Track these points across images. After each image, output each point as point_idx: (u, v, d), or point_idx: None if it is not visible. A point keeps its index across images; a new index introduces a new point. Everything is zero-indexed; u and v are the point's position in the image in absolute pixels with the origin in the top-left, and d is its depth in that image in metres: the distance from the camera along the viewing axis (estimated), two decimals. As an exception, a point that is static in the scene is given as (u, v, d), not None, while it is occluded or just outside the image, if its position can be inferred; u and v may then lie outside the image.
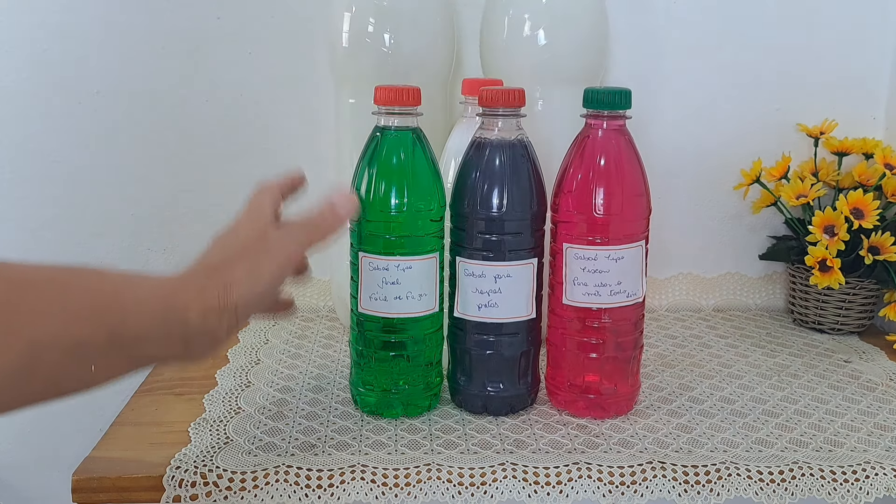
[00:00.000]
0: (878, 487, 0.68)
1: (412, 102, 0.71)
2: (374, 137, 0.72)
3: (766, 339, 0.97)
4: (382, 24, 0.86)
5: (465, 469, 0.67)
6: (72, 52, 0.97)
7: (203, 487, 0.65)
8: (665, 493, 0.67)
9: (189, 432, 0.72)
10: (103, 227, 1.01)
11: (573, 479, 0.67)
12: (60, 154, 0.99)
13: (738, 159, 1.03)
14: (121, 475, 0.65)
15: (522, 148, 0.73)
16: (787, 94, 1.04)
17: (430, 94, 0.81)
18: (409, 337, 0.74)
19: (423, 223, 0.72)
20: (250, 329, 0.97)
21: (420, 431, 0.73)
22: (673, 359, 0.91)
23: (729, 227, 1.07)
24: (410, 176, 0.72)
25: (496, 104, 0.72)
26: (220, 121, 1.00)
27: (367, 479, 0.66)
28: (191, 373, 0.85)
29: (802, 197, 0.96)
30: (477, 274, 0.72)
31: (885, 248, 0.92)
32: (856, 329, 0.99)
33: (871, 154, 0.98)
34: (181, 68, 0.98)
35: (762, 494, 0.67)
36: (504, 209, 0.71)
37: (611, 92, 0.72)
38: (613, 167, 0.72)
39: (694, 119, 1.03)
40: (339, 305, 0.96)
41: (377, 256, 0.72)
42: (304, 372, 0.85)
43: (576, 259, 0.72)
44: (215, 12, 0.97)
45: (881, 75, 1.04)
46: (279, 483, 0.65)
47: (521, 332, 0.74)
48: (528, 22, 0.86)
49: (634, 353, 0.76)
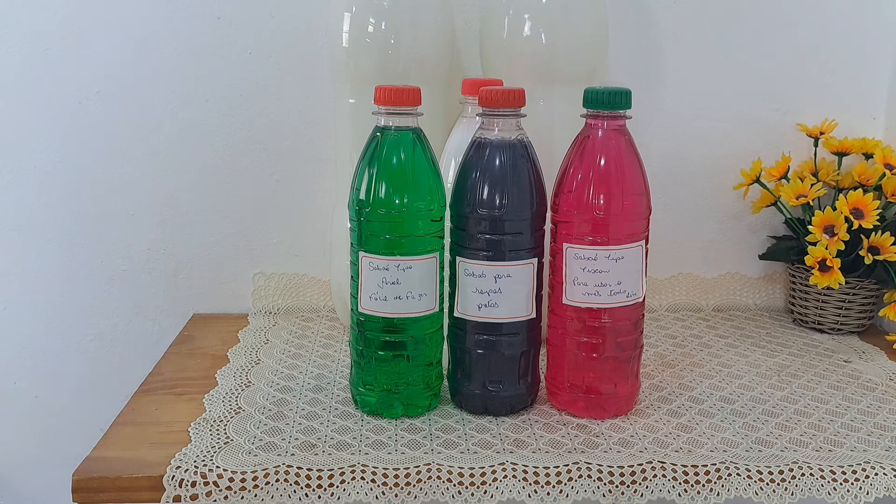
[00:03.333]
0: (878, 487, 0.68)
1: (412, 102, 0.71)
2: (374, 137, 0.72)
3: (766, 339, 0.97)
4: (382, 24, 0.86)
5: (465, 469, 0.67)
6: (72, 52, 0.97)
7: (203, 487, 0.65)
8: (665, 492, 0.67)
9: (189, 432, 0.72)
10: (103, 227, 1.01)
11: (573, 478, 0.67)
12: (60, 154, 0.99)
13: (738, 159, 1.03)
14: (121, 475, 0.65)
15: (522, 148, 0.73)
16: (787, 94, 1.04)
17: (430, 94, 0.81)
18: (410, 337, 0.74)
19: (423, 223, 0.72)
20: (250, 329, 0.97)
21: (420, 431, 0.73)
22: (673, 359, 0.91)
23: (729, 227, 1.07)
24: (410, 176, 0.72)
25: (496, 104, 0.72)
26: (220, 121, 1.00)
27: (367, 479, 0.66)
28: (191, 373, 0.85)
29: (802, 197, 0.96)
30: (477, 274, 0.72)
31: (885, 248, 0.92)
32: (856, 329, 0.99)
33: (870, 154, 0.98)
34: (181, 68, 0.98)
35: (762, 494, 0.67)
36: (504, 209, 0.71)
37: (611, 92, 0.72)
38: (613, 167, 0.72)
39: (694, 119, 1.04)
40: (339, 305, 0.96)
41: (377, 256, 0.72)
42: (304, 372, 0.85)
43: (576, 259, 0.72)
44: (215, 12, 0.97)
45: (881, 75, 1.04)
46: (279, 483, 0.65)
47: (521, 332, 0.74)
48: (528, 22, 0.86)
49: (634, 353, 0.76)
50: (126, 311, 1.03)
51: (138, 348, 1.04)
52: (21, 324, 1.03)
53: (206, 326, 0.99)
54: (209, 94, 0.99)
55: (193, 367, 0.87)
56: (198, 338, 0.96)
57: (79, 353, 1.04)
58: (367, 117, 0.73)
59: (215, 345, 0.93)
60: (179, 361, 0.89)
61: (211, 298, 1.04)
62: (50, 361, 1.04)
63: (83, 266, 1.02)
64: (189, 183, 1.01)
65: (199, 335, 0.96)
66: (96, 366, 1.04)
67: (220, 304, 1.04)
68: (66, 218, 1.00)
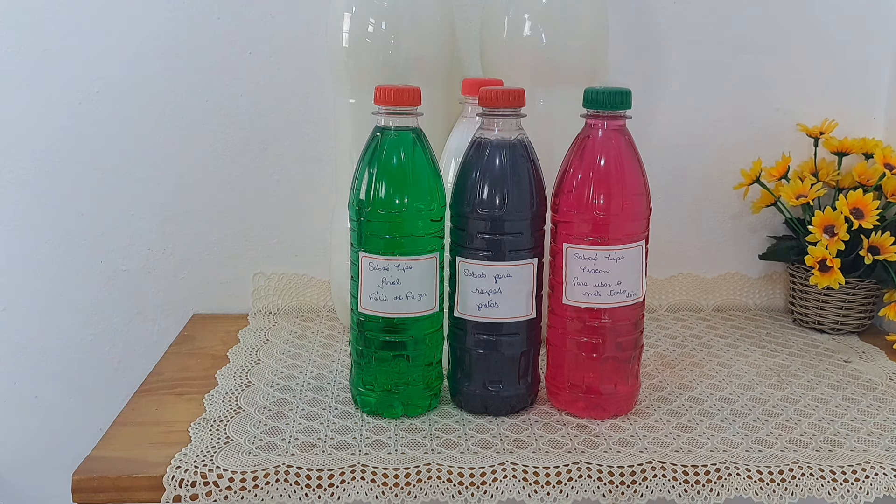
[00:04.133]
0: (878, 487, 0.68)
1: (412, 102, 0.71)
2: (374, 137, 0.72)
3: (766, 339, 0.97)
4: (382, 24, 0.86)
5: (465, 469, 0.67)
6: (72, 52, 0.97)
7: (203, 487, 0.65)
8: (665, 492, 0.67)
9: (189, 432, 0.72)
10: (103, 227, 1.01)
11: (573, 478, 0.67)
12: (60, 154, 0.99)
13: (738, 159, 1.03)
14: (121, 475, 0.65)
15: (522, 148, 0.73)
16: (787, 94, 1.04)
17: (430, 94, 0.81)
18: (410, 337, 0.74)
19: (423, 223, 0.72)
20: (250, 329, 0.98)
21: (420, 431, 0.73)
22: (673, 359, 0.91)
23: (729, 227, 1.07)
24: (410, 176, 0.72)
25: (496, 104, 0.72)
26: (220, 121, 1.00)
27: (367, 479, 0.66)
28: (191, 373, 0.85)
29: (802, 197, 0.96)
30: (477, 274, 0.72)
31: (885, 248, 0.92)
32: (856, 329, 0.99)
33: (871, 154, 0.98)
34: (181, 68, 0.98)
35: (762, 494, 0.67)
36: (504, 209, 0.71)
37: (611, 92, 0.72)
38: (613, 167, 0.72)
39: (694, 119, 1.04)
40: (339, 305, 0.96)
41: (377, 256, 0.72)
42: (304, 372, 0.85)
43: (576, 259, 0.72)
44: (215, 12, 0.97)
45: (881, 75, 1.04)
46: (279, 483, 0.65)
47: (521, 332, 0.74)
48: (528, 22, 0.86)
49: (634, 353, 0.76)
50: (126, 311, 1.03)
51: (138, 348, 1.04)
52: (21, 324, 1.03)
53: (206, 326, 0.99)
54: (209, 94, 0.99)
55: (193, 367, 0.87)
56: (198, 338, 0.96)
57: (79, 353, 1.04)
58: (367, 117, 0.73)
59: (215, 345, 0.93)
60: (179, 361, 0.89)
61: (211, 298, 1.04)
62: (50, 361, 1.04)
63: (83, 266, 1.02)
64: (189, 183, 1.01)
65: (199, 335, 0.96)
66: (96, 366, 1.04)
67: (220, 304, 1.04)
68: (66, 218, 1.00)
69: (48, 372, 1.04)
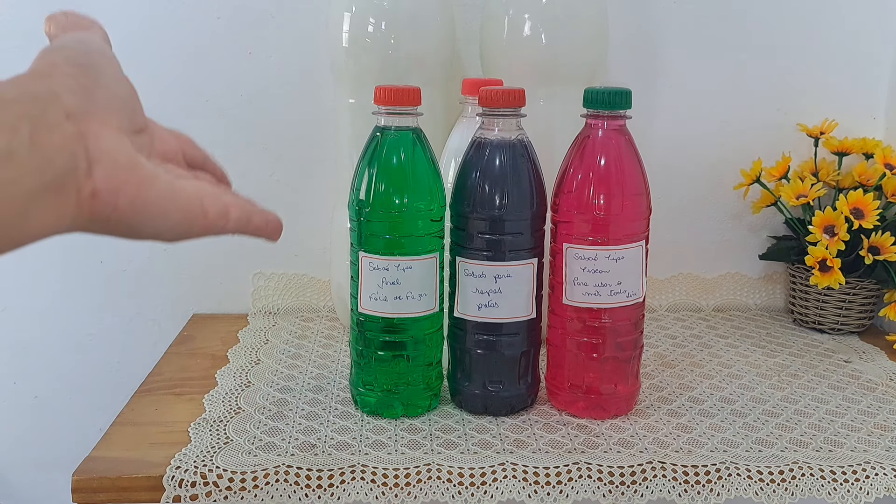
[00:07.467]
0: (878, 487, 0.68)
1: (412, 102, 0.71)
2: (374, 137, 0.72)
3: (766, 339, 0.97)
4: (382, 24, 0.86)
5: (465, 469, 0.67)
6: (72, 52, 0.97)
7: (203, 487, 0.65)
8: (665, 493, 0.67)
9: (189, 432, 0.72)
10: (103, 227, 1.01)
11: (573, 479, 0.67)
12: (60, 154, 0.99)
13: (738, 159, 1.03)
14: (121, 475, 0.65)
15: (522, 148, 0.73)
16: (787, 94, 1.04)
17: (430, 94, 0.81)
18: (410, 337, 0.74)
19: (423, 223, 0.72)
20: (250, 329, 0.97)
21: (420, 431, 0.73)
22: (673, 359, 0.91)
23: (729, 227, 1.07)
24: (410, 176, 0.72)
25: (496, 104, 0.72)
26: (220, 121, 1.00)
27: (367, 479, 0.66)
28: (191, 373, 0.85)
29: (802, 197, 0.96)
30: (477, 274, 0.72)
31: (885, 248, 0.92)
32: (856, 329, 0.99)
33: (871, 154, 0.98)
34: (181, 68, 0.98)
35: (762, 494, 0.67)
36: (504, 209, 0.71)
37: (611, 92, 0.72)
38: (613, 167, 0.72)
39: (694, 119, 1.03)
40: (339, 305, 0.96)
41: (377, 256, 0.72)
42: (304, 372, 0.85)
43: (576, 259, 0.72)
44: (215, 12, 0.97)
45: (881, 75, 1.04)
46: (279, 483, 0.65)
47: (521, 332, 0.74)
48: (528, 22, 0.86)
49: (634, 353, 0.76)
50: (126, 311, 1.03)
51: (138, 348, 1.03)
52: (21, 324, 1.03)
53: (206, 326, 0.99)
54: (209, 94, 0.99)
55: (193, 368, 0.87)
56: (198, 338, 0.95)
57: (79, 353, 1.04)
58: (367, 117, 0.73)
59: (215, 345, 0.93)
60: (179, 361, 0.89)
61: (211, 298, 1.04)
62: (50, 361, 1.04)
63: (83, 266, 1.02)
64: (189, 183, 1.01)
65: (199, 335, 0.96)
66: (96, 366, 1.04)
67: (220, 304, 1.04)
68: (66, 218, 1.00)
69: (48, 372, 1.04)
